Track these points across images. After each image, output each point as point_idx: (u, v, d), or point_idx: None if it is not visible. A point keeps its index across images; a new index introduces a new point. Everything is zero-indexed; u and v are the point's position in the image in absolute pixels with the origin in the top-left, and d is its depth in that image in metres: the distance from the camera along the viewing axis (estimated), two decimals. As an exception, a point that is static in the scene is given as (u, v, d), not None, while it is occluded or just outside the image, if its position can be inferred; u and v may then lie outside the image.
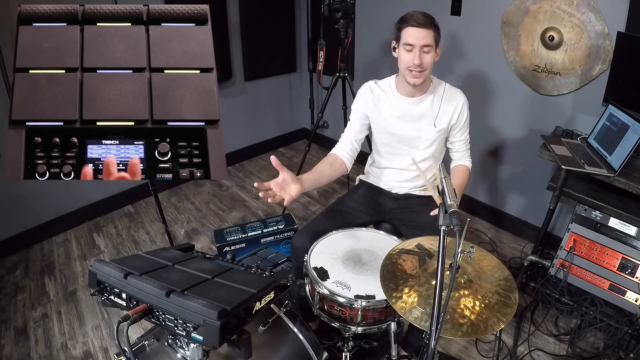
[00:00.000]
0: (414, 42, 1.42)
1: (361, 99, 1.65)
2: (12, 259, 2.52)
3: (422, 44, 1.42)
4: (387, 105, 1.61)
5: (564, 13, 2.02)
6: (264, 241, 2.29)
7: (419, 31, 1.41)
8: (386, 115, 1.61)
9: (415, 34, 1.41)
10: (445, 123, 1.59)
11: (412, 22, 1.41)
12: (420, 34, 1.41)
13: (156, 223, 2.83)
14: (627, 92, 1.81)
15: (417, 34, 1.41)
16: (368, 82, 1.67)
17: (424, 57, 1.44)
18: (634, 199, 1.72)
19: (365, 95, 1.64)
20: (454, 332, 0.96)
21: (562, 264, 1.88)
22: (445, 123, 1.59)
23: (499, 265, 1.17)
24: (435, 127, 1.59)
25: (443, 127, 1.60)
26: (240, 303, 0.88)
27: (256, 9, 3.22)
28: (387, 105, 1.61)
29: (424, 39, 1.41)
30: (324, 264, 1.36)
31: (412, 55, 1.43)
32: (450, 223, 0.86)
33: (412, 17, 1.42)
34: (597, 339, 1.89)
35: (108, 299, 0.99)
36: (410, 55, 1.44)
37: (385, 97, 1.61)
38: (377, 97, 1.62)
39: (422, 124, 1.60)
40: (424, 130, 1.60)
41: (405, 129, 1.61)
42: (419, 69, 1.44)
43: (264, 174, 3.54)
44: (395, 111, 1.60)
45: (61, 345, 1.94)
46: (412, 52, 1.43)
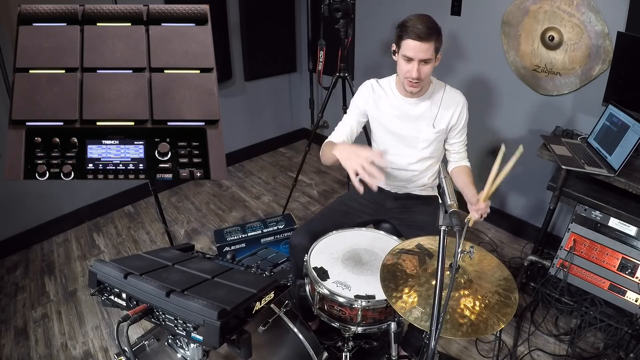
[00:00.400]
0: (413, 55, 1.38)
1: (361, 96, 1.64)
2: (12, 259, 2.52)
3: (421, 58, 1.38)
4: (387, 104, 1.61)
5: (564, 13, 2.02)
6: (264, 241, 2.29)
7: (420, 45, 1.36)
8: (386, 114, 1.61)
9: (415, 47, 1.36)
10: (444, 124, 1.58)
11: (412, 34, 1.35)
12: (421, 48, 1.36)
13: (156, 223, 2.83)
14: (627, 92, 1.81)
15: (417, 47, 1.36)
16: (369, 80, 1.66)
17: (423, 69, 1.41)
18: (634, 199, 1.72)
19: (366, 92, 1.64)
20: (454, 332, 0.96)
21: (562, 264, 1.88)
22: (444, 124, 1.58)
23: (499, 265, 1.17)
24: (434, 128, 1.58)
25: (442, 128, 1.59)
26: (240, 303, 0.88)
27: (256, 9, 3.22)
28: (387, 104, 1.61)
29: (424, 53, 1.37)
30: (324, 264, 1.36)
31: (410, 67, 1.40)
32: (450, 223, 0.86)
33: (413, 28, 1.35)
34: (597, 339, 1.89)
35: (108, 299, 0.99)
36: (409, 66, 1.41)
37: (385, 96, 1.61)
38: (378, 96, 1.62)
39: (420, 125, 1.59)
40: (422, 131, 1.59)
41: (403, 129, 1.61)
42: (416, 81, 1.43)
43: (264, 174, 3.54)
44: (395, 110, 1.60)
45: (61, 345, 1.94)
46: (410, 63, 1.40)
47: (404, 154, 1.65)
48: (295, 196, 3.09)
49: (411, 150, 1.64)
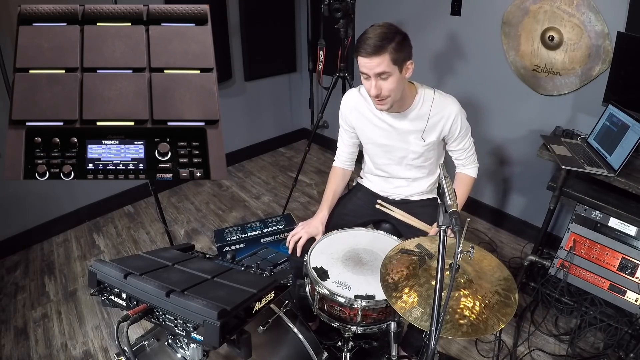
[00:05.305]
0: (367, 71, 1.30)
1: (346, 107, 1.60)
2: (12, 259, 2.52)
3: (376, 72, 1.29)
4: (371, 116, 1.54)
5: (564, 13, 2.02)
6: (264, 241, 2.29)
7: (370, 60, 1.27)
8: (371, 127, 1.55)
9: (366, 63, 1.29)
10: (434, 136, 1.50)
11: (361, 50, 1.28)
12: (372, 63, 1.28)
13: (156, 223, 2.83)
14: (627, 92, 1.81)
15: (368, 63, 1.28)
16: (351, 90, 1.60)
17: (382, 85, 1.32)
18: (634, 199, 1.72)
19: (350, 104, 1.59)
20: (454, 332, 0.96)
21: (562, 264, 1.88)
22: (435, 136, 1.50)
23: (499, 265, 1.17)
24: (424, 141, 1.51)
25: (432, 140, 1.51)
26: (240, 303, 0.88)
27: (256, 9, 3.22)
28: (371, 116, 1.54)
29: (377, 67, 1.28)
30: (324, 264, 1.36)
31: (369, 85, 1.33)
32: (450, 223, 0.86)
33: (362, 43, 1.27)
34: (597, 339, 1.89)
35: (108, 299, 0.99)
36: (367, 84, 1.34)
37: (369, 107, 1.53)
38: (362, 107, 1.56)
39: (409, 138, 1.52)
40: (411, 144, 1.53)
41: (390, 142, 1.55)
42: (379, 99, 1.36)
43: (264, 174, 3.54)
44: (380, 123, 1.53)
45: (61, 345, 1.94)
46: (369, 81, 1.33)
47: (393, 164, 1.61)
48: (295, 196, 3.09)
49: (400, 161, 1.59)
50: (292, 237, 1.54)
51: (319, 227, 1.55)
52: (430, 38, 2.63)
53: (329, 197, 1.65)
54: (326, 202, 1.64)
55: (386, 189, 1.71)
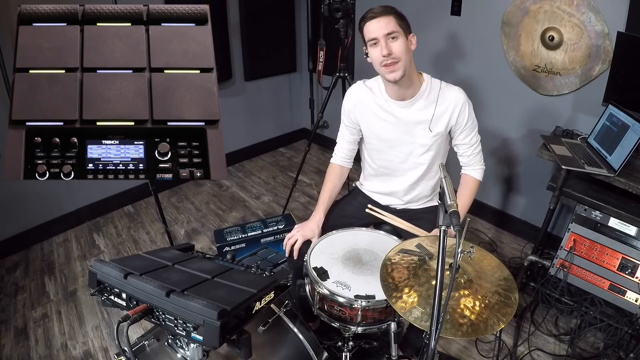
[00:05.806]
0: (377, 34, 1.34)
1: (350, 102, 1.58)
2: (12, 259, 2.52)
3: (385, 33, 1.33)
4: (377, 109, 1.52)
5: (564, 13, 2.02)
6: (264, 241, 2.29)
7: (378, 21, 1.33)
8: (376, 120, 1.53)
9: (375, 25, 1.34)
10: (442, 126, 1.47)
11: (368, 17, 1.35)
12: (380, 24, 1.33)
13: (156, 223, 2.83)
14: (627, 92, 1.81)
15: (376, 24, 1.34)
16: (357, 83, 1.59)
17: (393, 45, 1.34)
18: (634, 199, 1.72)
19: (354, 97, 1.57)
20: (454, 332, 0.96)
21: (562, 264, 1.88)
22: (443, 126, 1.47)
23: (499, 265, 1.17)
24: (431, 132, 1.47)
25: (440, 130, 1.47)
26: (240, 303, 0.88)
27: (256, 9, 3.22)
28: (377, 109, 1.52)
29: (386, 27, 1.33)
30: (324, 264, 1.36)
31: (379, 48, 1.35)
32: (450, 223, 0.86)
33: (368, 13, 1.36)
34: (597, 339, 1.89)
35: (108, 299, 0.99)
36: (378, 48, 1.35)
37: (374, 99, 1.52)
38: (367, 100, 1.54)
39: (416, 129, 1.49)
40: (418, 136, 1.49)
41: (396, 135, 1.52)
42: (391, 59, 1.34)
43: (264, 174, 3.54)
44: (386, 115, 1.51)
45: (61, 345, 1.94)
46: (378, 45, 1.35)
47: (398, 161, 1.57)
48: (295, 196, 3.09)
49: (406, 158, 1.56)
50: (288, 240, 1.54)
51: (314, 230, 1.55)
52: (430, 38, 2.63)
53: (325, 199, 1.63)
54: (322, 204, 1.62)
55: (386, 196, 1.68)
